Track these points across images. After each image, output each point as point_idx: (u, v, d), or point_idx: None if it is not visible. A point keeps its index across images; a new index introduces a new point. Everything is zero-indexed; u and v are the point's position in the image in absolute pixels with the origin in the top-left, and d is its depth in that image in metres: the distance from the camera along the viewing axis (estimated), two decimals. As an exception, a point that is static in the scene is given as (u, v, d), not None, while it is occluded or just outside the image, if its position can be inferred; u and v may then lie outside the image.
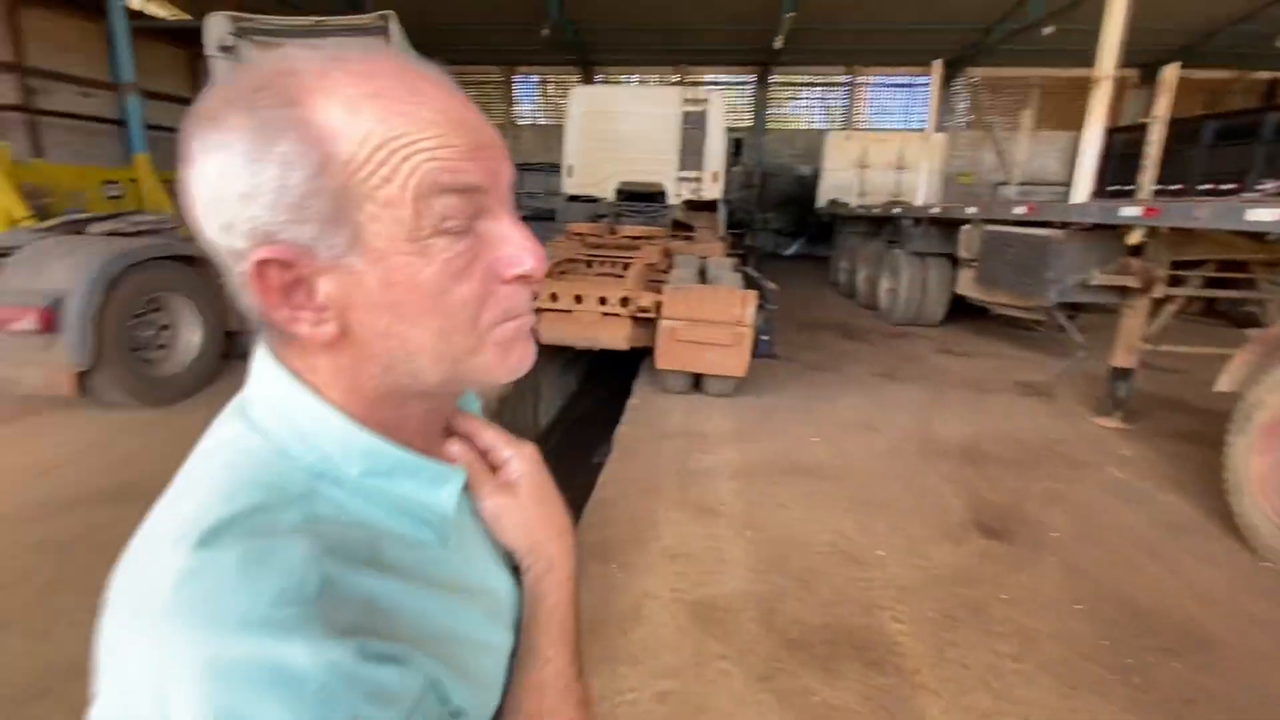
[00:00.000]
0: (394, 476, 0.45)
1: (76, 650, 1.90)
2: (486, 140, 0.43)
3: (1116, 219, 3.80)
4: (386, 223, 0.40)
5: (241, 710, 0.32)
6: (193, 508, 0.38)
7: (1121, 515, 3.19)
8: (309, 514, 0.40)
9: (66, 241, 3.80)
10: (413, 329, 0.42)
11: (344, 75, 0.40)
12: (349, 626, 0.36)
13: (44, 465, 3.15)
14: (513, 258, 0.44)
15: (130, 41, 8.19)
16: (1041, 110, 16.51)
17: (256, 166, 0.38)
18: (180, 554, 0.35)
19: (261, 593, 0.34)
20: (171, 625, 0.33)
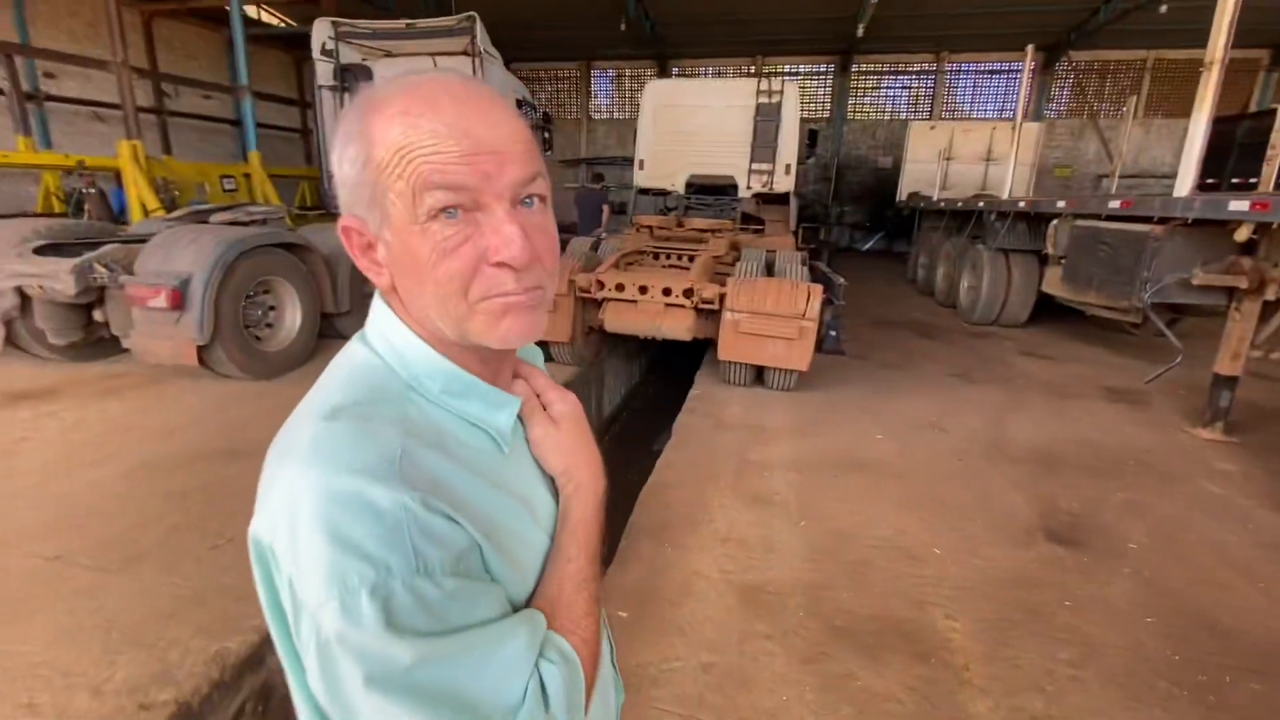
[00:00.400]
0: (465, 397, 0.60)
1: (200, 582, 2.20)
2: (487, 148, 0.52)
3: (1222, 214, 3.52)
4: (399, 208, 0.53)
5: (340, 524, 0.47)
6: (324, 396, 0.56)
7: (1212, 531, 2.99)
8: (400, 411, 0.55)
9: (192, 229, 4.27)
10: (420, 289, 0.55)
11: (391, 98, 0.54)
12: (417, 484, 0.49)
13: (170, 426, 3.58)
14: (495, 248, 0.53)
15: (246, 48, 8.95)
16: (1154, 96, 15.18)
17: (340, 163, 0.56)
18: (314, 424, 0.52)
19: (362, 452, 0.50)
20: (305, 464, 0.50)
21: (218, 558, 2.35)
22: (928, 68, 16.48)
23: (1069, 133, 15.85)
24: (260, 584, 0.56)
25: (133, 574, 2.24)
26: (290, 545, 0.49)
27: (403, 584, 0.47)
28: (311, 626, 0.49)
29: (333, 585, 0.46)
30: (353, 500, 0.47)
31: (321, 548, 0.47)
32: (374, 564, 0.46)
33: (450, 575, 0.49)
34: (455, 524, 0.51)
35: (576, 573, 0.61)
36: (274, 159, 13.90)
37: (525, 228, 0.54)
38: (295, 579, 0.49)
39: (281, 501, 0.50)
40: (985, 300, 7.31)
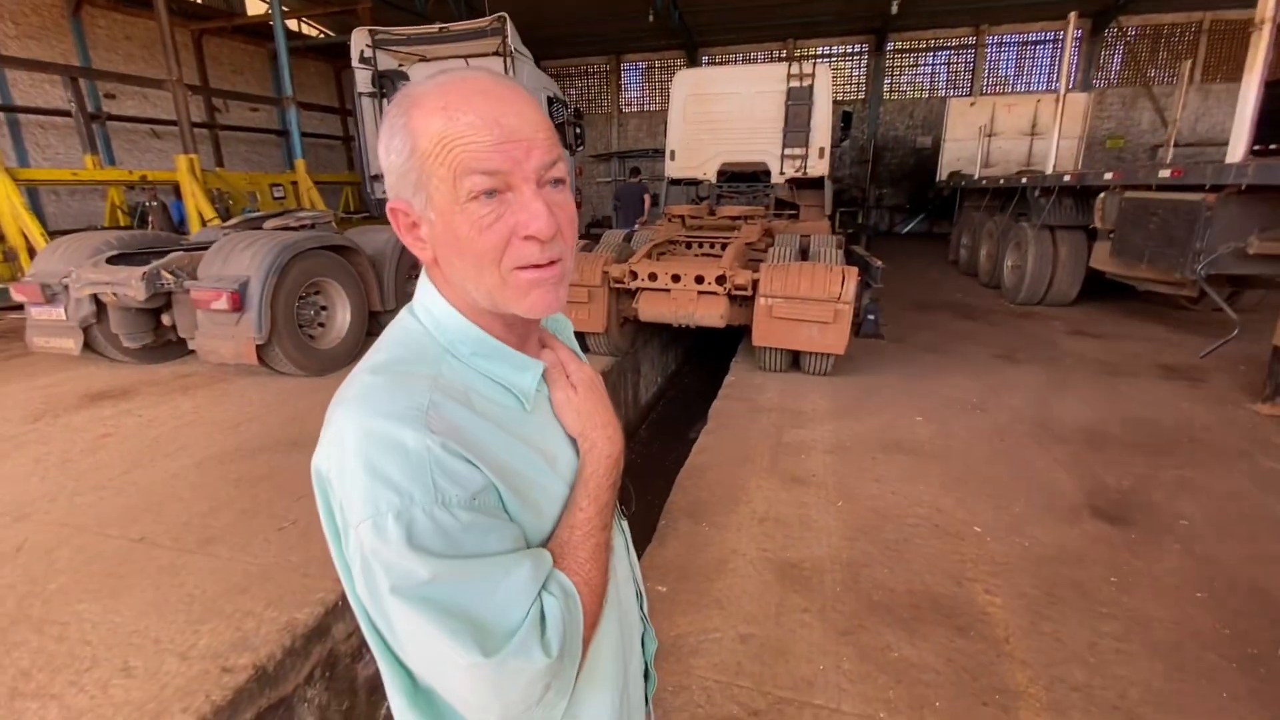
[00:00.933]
0: (492, 359, 0.69)
1: (269, 560, 2.37)
2: (515, 136, 0.61)
3: (1279, 179, 3.36)
4: (442, 191, 0.61)
5: (375, 458, 0.57)
6: (374, 356, 0.67)
7: (1270, 508, 2.89)
8: (434, 369, 0.65)
9: (248, 236, 4.51)
10: (460, 262, 0.64)
11: (433, 95, 0.63)
12: (441, 430, 0.59)
13: (235, 420, 3.82)
14: (524, 223, 0.62)
15: (289, 60, 9.32)
16: (1211, 60, 14.36)
17: (387, 153, 0.65)
18: (362, 377, 0.64)
19: (396, 401, 0.60)
20: (351, 409, 0.60)
21: (284, 538, 2.52)
22: (967, 42, 15.95)
23: (1121, 102, 15.14)
24: (321, 508, 0.66)
25: (209, 553, 2.42)
26: (339, 473, 0.59)
27: (423, 511, 0.55)
28: (354, 542, 0.59)
29: (367, 507, 0.56)
30: (385, 439, 0.57)
31: (360, 477, 0.57)
32: (400, 492, 0.55)
33: (465, 509, 0.57)
34: (473, 466, 0.59)
35: (585, 521, 0.68)
36: (318, 166, 14.43)
37: (549, 205, 0.63)
38: (343, 501, 0.59)
39: (333, 439, 0.60)
40: (1031, 279, 7.11)
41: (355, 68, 7.79)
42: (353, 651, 2.21)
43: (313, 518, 2.69)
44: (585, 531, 0.68)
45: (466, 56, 7.64)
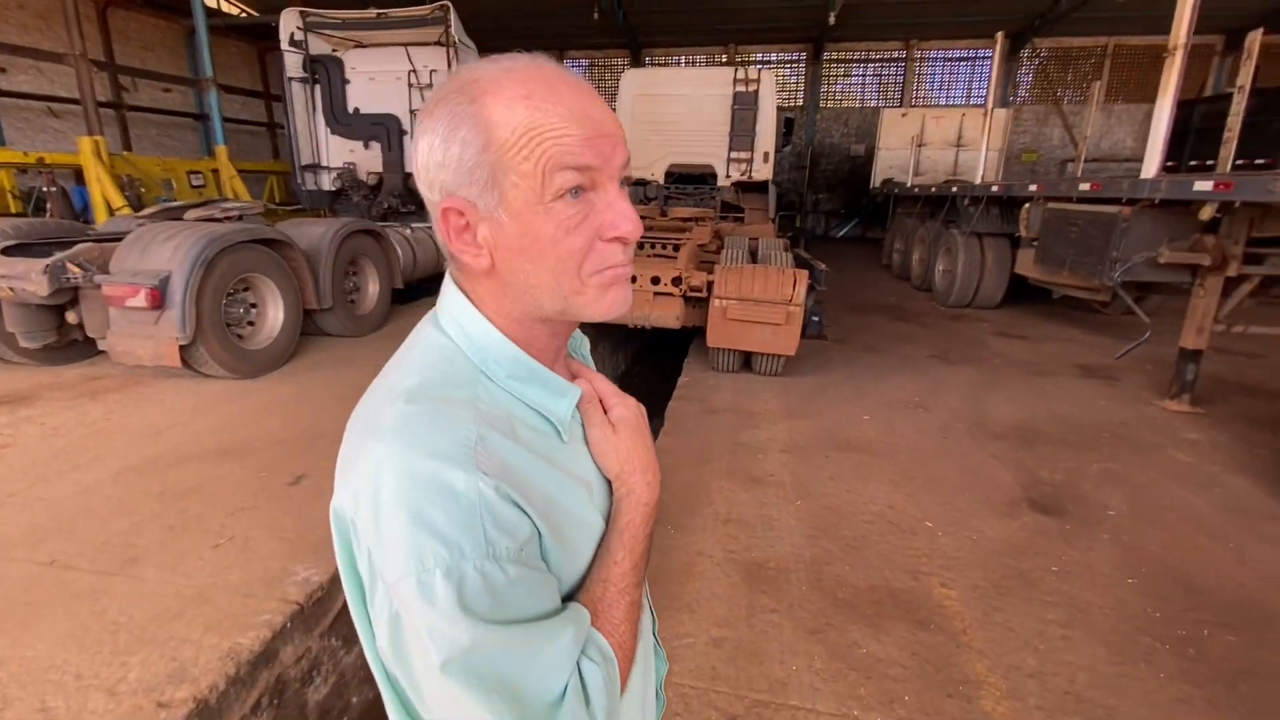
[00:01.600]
0: (528, 383, 0.62)
1: (205, 581, 2.18)
2: (604, 131, 0.56)
3: (1188, 194, 3.67)
4: (523, 189, 0.55)
5: (420, 505, 0.49)
6: (402, 377, 0.58)
7: (1183, 497, 3.14)
8: (472, 394, 0.57)
9: (168, 226, 4.16)
10: (535, 267, 0.57)
11: (509, 82, 0.55)
12: (491, 470, 0.52)
13: (157, 427, 3.51)
14: (613, 223, 0.57)
15: (208, 39, 8.69)
16: (1114, 82, 15.59)
17: (447, 144, 0.56)
18: (395, 404, 0.55)
19: (441, 436, 0.52)
20: (388, 444, 0.52)
21: (221, 556, 2.33)
22: (898, 55, 16.68)
23: (1034, 118, 16.20)
24: (340, 554, 0.59)
25: (133, 575, 2.21)
26: (372, 519, 0.51)
27: (474, 567, 0.49)
28: (386, 597, 0.53)
29: (410, 562, 0.49)
30: (432, 483, 0.50)
31: (402, 526, 0.49)
32: (449, 545, 0.49)
33: (514, 562, 0.51)
34: (521, 512, 0.53)
35: (620, 577, 0.62)
36: (240, 153, 13.55)
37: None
38: (374, 551, 0.52)
39: (365, 477, 0.52)
40: (960, 283, 7.49)
41: (285, 51, 7.35)
42: (302, 676, 2.06)
43: (252, 530, 2.50)
44: (620, 588, 0.62)
45: (406, 45, 7.34)
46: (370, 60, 7.46)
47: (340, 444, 0.61)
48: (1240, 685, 1.94)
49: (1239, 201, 3.43)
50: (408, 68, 7.26)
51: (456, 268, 0.64)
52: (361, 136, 7.59)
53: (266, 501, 2.74)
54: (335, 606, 2.24)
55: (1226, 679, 1.96)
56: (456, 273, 0.64)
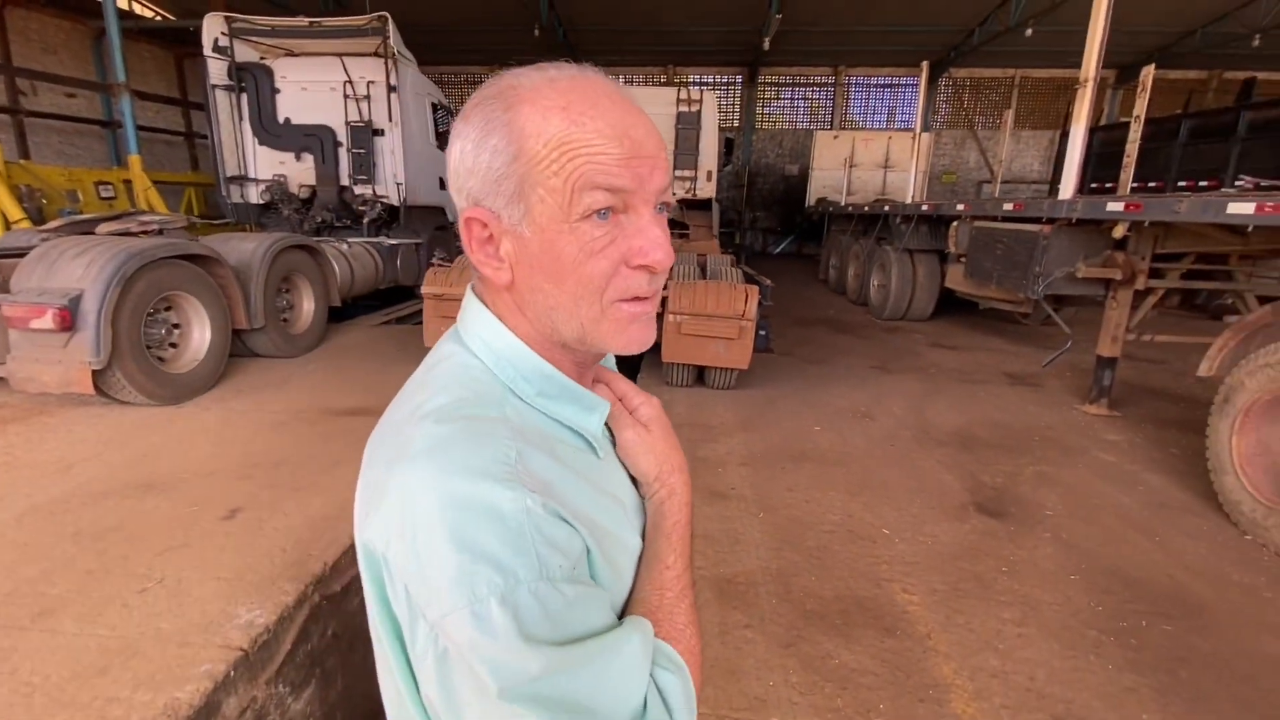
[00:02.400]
0: (559, 400, 0.59)
1: (129, 631, 1.97)
2: (644, 152, 0.53)
3: (1102, 214, 3.97)
4: (549, 205, 0.52)
5: (465, 528, 0.46)
6: (427, 398, 0.54)
7: (1111, 495, 3.36)
8: (502, 412, 0.54)
9: (77, 241, 3.82)
10: (554, 288, 0.54)
11: (549, 91, 0.53)
12: (534, 487, 0.49)
13: (67, 460, 3.19)
14: (642, 249, 0.54)
15: (120, 42, 8.14)
16: (1021, 110, 16.86)
17: (478, 151, 0.54)
18: (424, 425, 0.51)
19: (479, 453, 0.49)
20: (421, 467, 0.48)
21: (149, 602, 2.12)
22: (827, 80, 17.48)
23: (952, 142, 17.30)
24: (372, 596, 0.54)
25: (47, 629, 1.98)
26: (410, 552, 0.47)
27: (529, 591, 0.46)
28: (430, 636, 0.48)
29: (460, 593, 0.45)
30: (475, 503, 0.46)
31: (446, 554, 0.45)
32: (502, 570, 0.45)
33: (569, 581, 0.48)
34: (571, 528, 0.50)
35: (675, 580, 0.60)
36: (154, 164, 12.71)
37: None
38: (412, 587, 0.48)
39: (398, 506, 0.48)
40: (894, 297, 7.84)
41: (208, 57, 6.96)
42: (248, 728, 1.89)
43: (184, 571, 2.29)
44: (677, 592, 0.59)
45: (341, 55, 7.10)
46: (303, 70, 7.17)
47: (287, 472, 0.56)
48: (1180, 672, 2.06)
49: (1147, 221, 3.74)
50: (343, 78, 7.01)
51: (479, 280, 0.61)
52: (293, 148, 7.26)
53: (198, 539, 2.52)
54: (282, 649, 2.07)
55: (1167, 667, 2.09)
56: (479, 285, 0.62)
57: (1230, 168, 8.38)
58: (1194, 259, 4.23)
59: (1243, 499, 3.00)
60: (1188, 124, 9.44)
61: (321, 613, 2.23)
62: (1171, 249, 4.12)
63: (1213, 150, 8.86)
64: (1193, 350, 4.56)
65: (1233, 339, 3.37)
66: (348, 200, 7.30)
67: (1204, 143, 9.09)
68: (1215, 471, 3.16)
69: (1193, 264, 4.26)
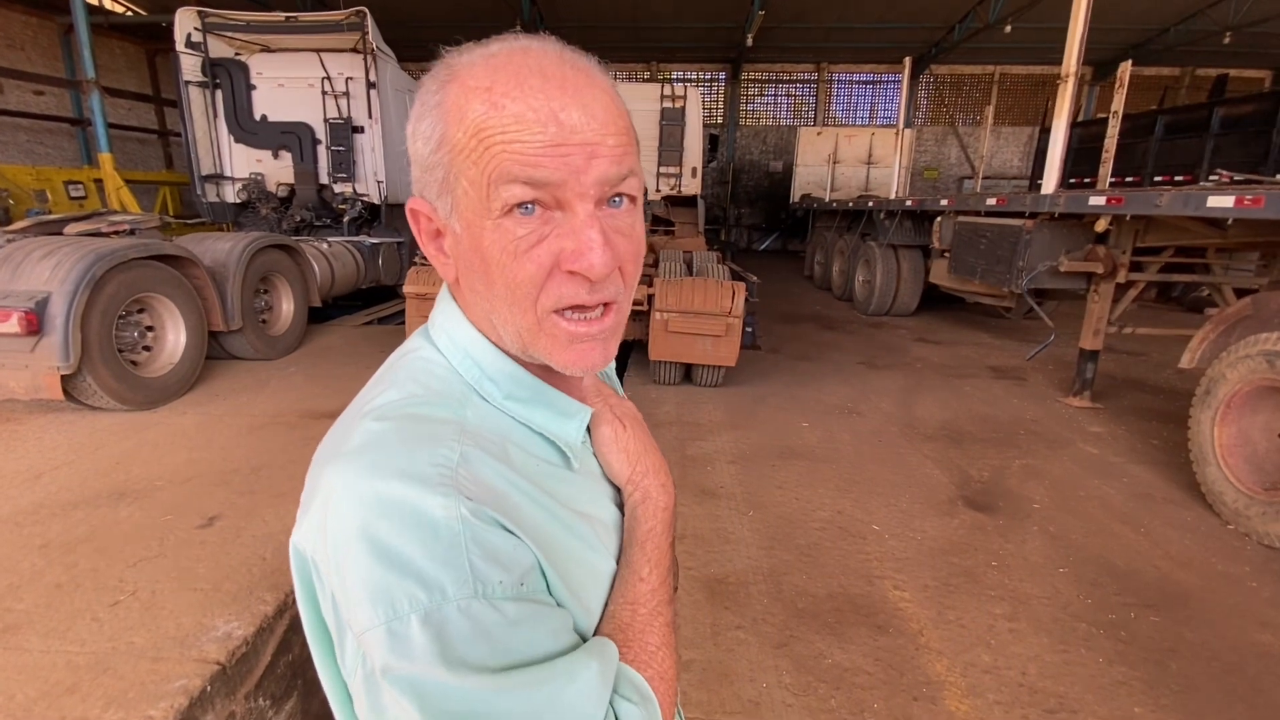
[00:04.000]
0: (530, 405, 0.54)
1: (100, 647, 1.90)
2: (577, 138, 0.45)
3: (1084, 208, 4.00)
4: (471, 198, 0.47)
5: (387, 537, 0.42)
6: (379, 393, 0.52)
7: (1096, 487, 3.38)
8: (460, 415, 0.50)
9: (46, 243, 3.70)
10: (488, 290, 0.50)
11: (480, 68, 0.47)
12: (476, 494, 0.44)
13: (36, 469, 3.08)
14: (574, 251, 0.47)
15: (89, 38, 7.93)
16: (1000, 107, 17.03)
17: (414, 138, 0.50)
18: (364, 422, 0.48)
19: (415, 455, 0.44)
20: (349, 468, 0.45)
21: (121, 616, 2.05)
22: (810, 77, 17.53)
23: (934, 138, 17.43)
24: (301, 599, 0.50)
25: (13, 646, 1.90)
26: (333, 559, 0.44)
27: (459, 609, 0.41)
28: (358, 652, 0.44)
29: (379, 607, 0.41)
30: (402, 509, 0.42)
31: (366, 564, 0.42)
32: (427, 585, 0.41)
33: (512, 599, 0.43)
34: (518, 540, 0.45)
35: (650, 594, 0.54)
36: (127, 163, 12.43)
37: (607, 232, 0.48)
38: (338, 596, 0.44)
39: (323, 508, 0.45)
40: (879, 292, 7.87)
41: (181, 53, 6.79)
42: (226, 744, 1.83)
43: (158, 583, 2.22)
44: (651, 608, 0.54)
45: (319, 50, 6.97)
46: (279, 66, 7.02)
47: (266, 477, 0.52)
48: (1170, 664, 2.07)
49: (1129, 215, 3.77)
50: (321, 74, 6.88)
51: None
52: (270, 145, 7.11)
53: (173, 549, 2.44)
54: (262, 661, 2.01)
55: (1157, 658, 2.10)
56: (452, 283, 0.57)
57: (1205, 162, 8.52)
58: (1173, 252, 4.28)
59: (1225, 489, 3.03)
60: (1163, 120, 9.59)
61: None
62: (1151, 243, 4.16)
63: (1188, 145, 9.00)
64: (1172, 342, 4.62)
65: (1213, 331, 3.41)
66: (327, 199, 7.18)
67: (1179, 138, 9.24)
68: (1198, 462, 3.19)
69: (1172, 257, 4.31)
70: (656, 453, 0.62)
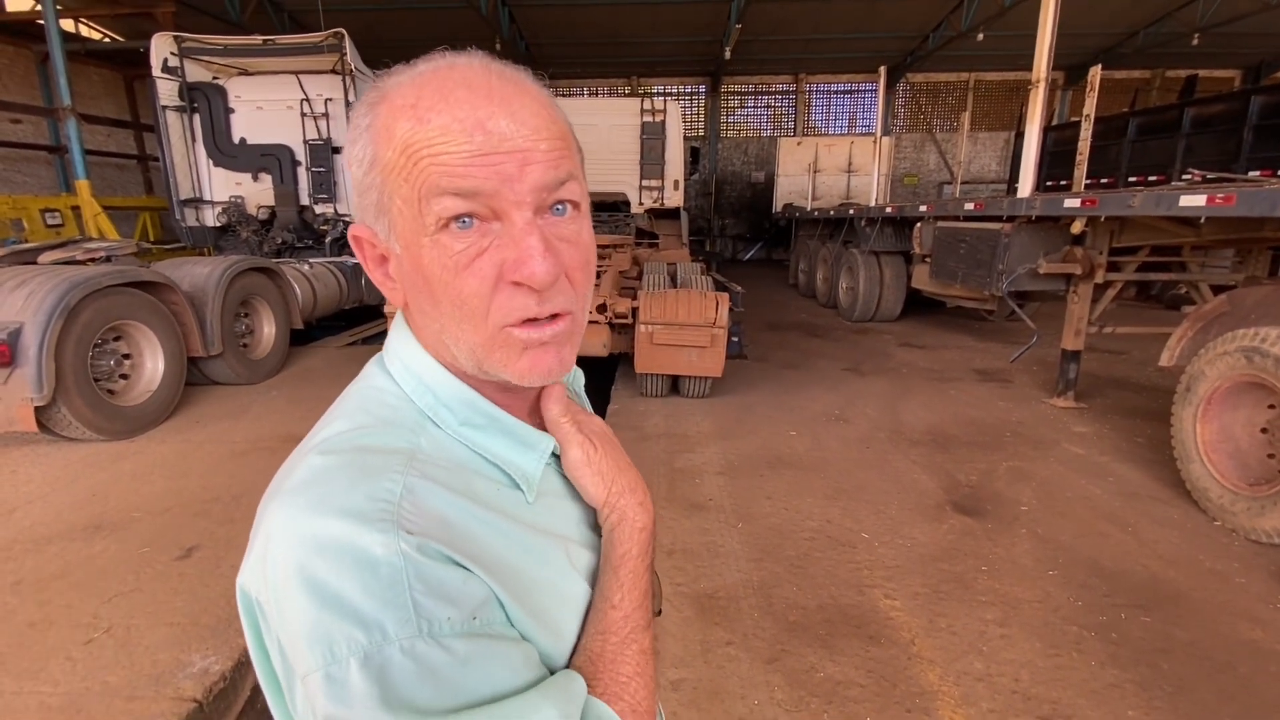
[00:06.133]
0: (487, 432, 0.52)
1: (73, 686, 1.84)
2: (506, 146, 0.45)
3: (1060, 211, 4.05)
4: (407, 217, 0.46)
5: (324, 576, 0.40)
6: (326, 426, 0.50)
7: (1082, 488, 3.39)
8: (412, 443, 0.48)
9: (19, 272, 3.64)
10: (435, 310, 0.48)
11: (407, 87, 0.47)
12: (419, 528, 0.42)
13: (9, 504, 3.01)
14: (516, 261, 0.46)
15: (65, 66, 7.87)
16: (976, 113, 17.29)
17: (348, 162, 0.50)
18: (310, 457, 0.46)
19: (356, 490, 0.43)
20: (290, 504, 0.43)
21: (95, 654, 1.99)
22: (788, 88, 17.74)
23: (912, 145, 17.66)
24: (251, 643, 0.48)
25: (-20, 689, 1.84)
26: (274, 600, 0.42)
27: (401, 649, 0.39)
28: (302, 696, 0.42)
29: (317, 651, 0.39)
30: (339, 548, 0.40)
31: (303, 605, 0.40)
32: (366, 626, 0.39)
33: (462, 636, 0.41)
34: (467, 572, 0.43)
35: (621, 621, 0.52)
36: (105, 189, 12.31)
37: (549, 240, 0.47)
38: (282, 639, 0.43)
39: (263, 547, 0.43)
40: (863, 299, 7.93)
41: (158, 78, 6.76)
42: (204, 785, 1.77)
43: (134, 618, 2.16)
44: (623, 636, 0.51)
45: (297, 72, 6.96)
46: (257, 88, 7.01)
47: (247, 506, 0.50)
48: (1162, 664, 2.07)
49: (1103, 216, 3.82)
50: (300, 96, 6.87)
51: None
52: (250, 168, 7.08)
53: (150, 582, 2.39)
54: (241, 697, 1.96)
55: (1149, 659, 2.09)
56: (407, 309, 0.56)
57: (1177, 162, 8.69)
58: (1149, 251, 4.34)
59: (1210, 486, 3.05)
60: (1135, 121, 9.78)
61: (284, 654, 2.12)
62: (1127, 243, 4.22)
63: (1160, 146, 9.18)
64: (1152, 341, 4.67)
65: (1191, 329, 3.45)
66: (308, 220, 7.14)
67: (1151, 139, 9.43)
68: (1182, 460, 3.21)
69: (1148, 257, 4.37)
70: (632, 470, 0.59)
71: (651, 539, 0.58)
